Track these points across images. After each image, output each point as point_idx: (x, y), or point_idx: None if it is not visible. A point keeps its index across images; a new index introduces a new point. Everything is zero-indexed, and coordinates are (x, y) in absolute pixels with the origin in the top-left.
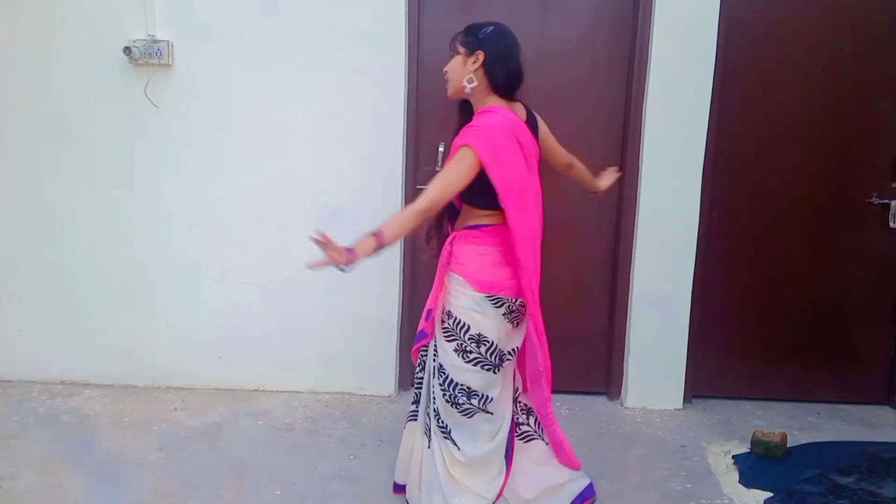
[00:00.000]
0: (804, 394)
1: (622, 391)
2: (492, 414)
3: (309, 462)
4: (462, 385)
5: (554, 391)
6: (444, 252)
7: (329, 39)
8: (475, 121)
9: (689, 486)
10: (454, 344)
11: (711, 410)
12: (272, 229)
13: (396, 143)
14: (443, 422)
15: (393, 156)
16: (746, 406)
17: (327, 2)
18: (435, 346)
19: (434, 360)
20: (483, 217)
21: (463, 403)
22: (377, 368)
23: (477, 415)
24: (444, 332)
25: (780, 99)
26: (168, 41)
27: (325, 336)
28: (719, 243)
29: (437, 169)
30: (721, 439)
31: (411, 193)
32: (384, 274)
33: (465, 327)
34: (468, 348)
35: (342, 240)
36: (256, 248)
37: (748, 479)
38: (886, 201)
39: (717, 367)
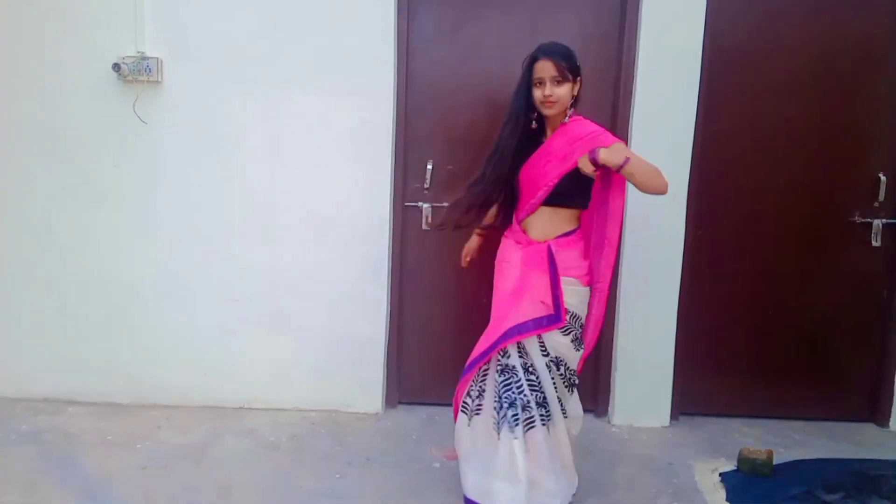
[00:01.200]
0: (790, 411)
1: (609, 409)
2: None
3: (295, 481)
4: (575, 369)
5: None
6: (536, 256)
7: (319, 57)
8: (588, 128)
9: None
10: (570, 336)
11: (698, 428)
12: (260, 246)
13: (385, 161)
14: (563, 406)
15: (381, 173)
16: (733, 423)
17: (317, 20)
18: (541, 343)
19: (544, 357)
20: (573, 221)
21: (576, 383)
22: (364, 386)
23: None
24: (561, 330)
25: (764, 120)
26: (157, 58)
27: (311, 353)
28: (704, 261)
29: (426, 187)
30: (708, 457)
31: (399, 210)
32: (371, 291)
33: (578, 318)
34: (579, 336)
35: (330, 258)
36: (244, 265)
37: (735, 497)
38: (869, 220)
39: (703, 384)
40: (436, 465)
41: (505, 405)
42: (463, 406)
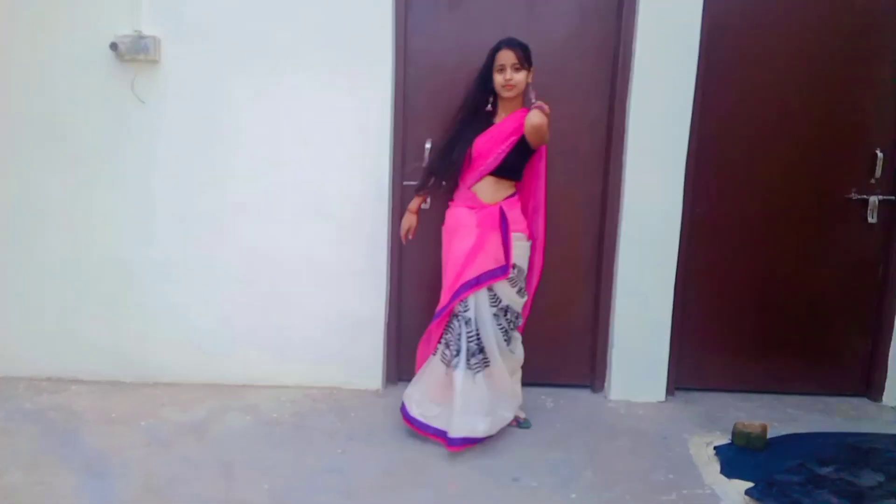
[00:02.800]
0: (784, 386)
1: (606, 384)
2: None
3: (297, 456)
4: (519, 312)
5: (539, 384)
6: (490, 218)
7: (317, 35)
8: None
9: (671, 476)
10: (517, 287)
11: (693, 402)
12: (259, 225)
13: (384, 140)
14: (511, 345)
15: (380, 152)
16: (728, 398)
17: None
18: (494, 295)
19: (494, 307)
20: (511, 188)
21: (518, 323)
22: (365, 363)
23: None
24: (508, 281)
25: (762, 96)
26: (155, 37)
27: (312, 331)
28: (701, 238)
29: (424, 166)
30: (703, 431)
31: (398, 190)
32: (371, 269)
33: (522, 271)
34: (523, 287)
35: (330, 238)
36: (244, 245)
37: (729, 470)
38: (865, 197)
39: (699, 359)
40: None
41: (471, 351)
42: (444, 356)
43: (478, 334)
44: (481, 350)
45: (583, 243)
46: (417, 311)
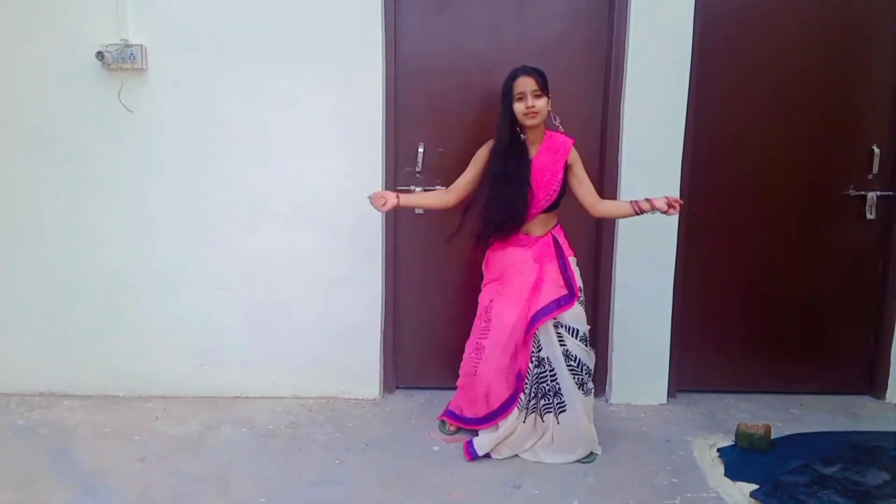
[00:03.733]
0: (786, 386)
1: (607, 388)
2: None
3: (293, 468)
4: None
5: None
6: (546, 248)
7: (306, 41)
8: (558, 134)
9: (675, 480)
10: (582, 305)
11: (695, 404)
12: (252, 234)
13: (376, 145)
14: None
15: (372, 157)
16: (730, 399)
17: (303, 4)
18: (562, 328)
19: (565, 343)
20: (556, 216)
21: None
22: (361, 372)
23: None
24: (580, 301)
25: (757, 94)
26: (141, 45)
27: (307, 341)
28: (699, 238)
29: (418, 170)
30: (706, 433)
31: None
32: (366, 276)
33: (582, 289)
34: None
35: (323, 245)
36: (236, 253)
37: (734, 472)
38: (863, 193)
39: (699, 361)
40: (435, 449)
41: (541, 394)
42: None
43: (552, 374)
44: (556, 392)
45: (580, 246)
46: (414, 317)
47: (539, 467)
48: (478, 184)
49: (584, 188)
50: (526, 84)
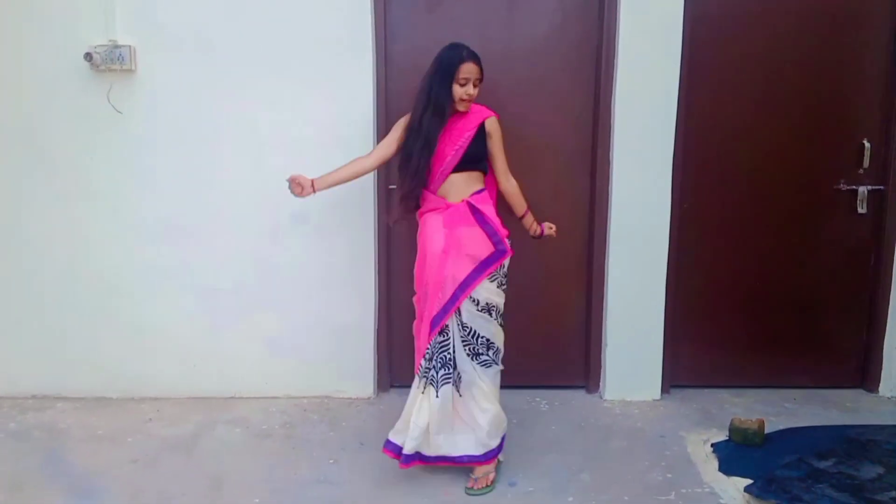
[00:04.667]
0: (780, 380)
1: (600, 384)
2: None
3: (288, 468)
4: (500, 308)
5: (532, 386)
6: (455, 215)
7: (295, 41)
8: (479, 106)
9: (669, 476)
10: (496, 282)
11: (689, 400)
12: (243, 234)
13: (366, 145)
14: (496, 353)
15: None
16: (723, 394)
17: (293, 3)
18: (472, 299)
19: (475, 307)
20: (480, 182)
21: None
22: (355, 371)
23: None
24: (490, 278)
25: (748, 89)
26: (130, 46)
27: (301, 340)
28: (691, 233)
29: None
30: (700, 428)
31: (383, 194)
32: (358, 275)
33: (503, 266)
34: (504, 283)
35: (316, 244)
36: (227, 254)
37: (728, 467)
38: (854, 187)
39: (693, 356)
40: None
41: (439, 365)
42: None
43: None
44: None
45: (572, 242)
46: (407, 315)
47: (533, 464)
48: (398, 149)
49: (495, 160)
50: (472, 71)
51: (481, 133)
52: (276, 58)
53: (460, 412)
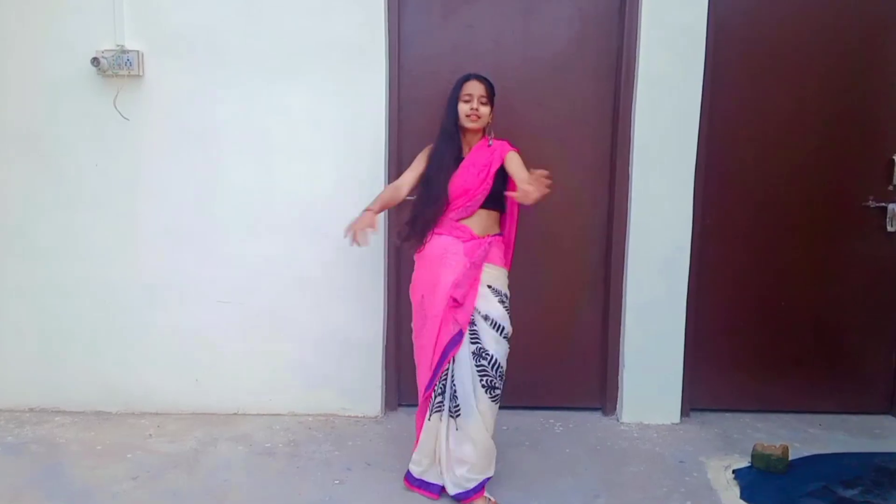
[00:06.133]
0: (805, 404)
1: (617, 406)
2: None
3: (292, 488)
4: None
5: (547, 407)
6: (477, 249)
7: (307, 47)
8: (502, 142)
9: (688, 503)
10: (504, 306)
11: (710, 424)
12: (250, 245)
13: (378, 153)
14: (502, 382)
15: (375, 166)
16: (746, 418)
17: (304, 9)
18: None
19: (477, 343)
20: (498, 225)
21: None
22: (362, 388)
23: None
24: (502, 303)
25: (773, 101)
26: (138, 51)
27: (306, 356)
28: (713, 250)
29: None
30: (721, 454)
31: (394, 208)
32: (368, 289)
33: (507, 295)
34: (508, 307)
35: (323, 257)
36: (234, 265)
37: (750, 495)
38: (883, 204)
39: (714, 378)
40: None
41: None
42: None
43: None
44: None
45: (589, 257)
46: None
47: (546, 488)
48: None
49: (516, 176)
50: (475, 88)
51: (502, 169)
52: (287, 64)
53: (450, 444)
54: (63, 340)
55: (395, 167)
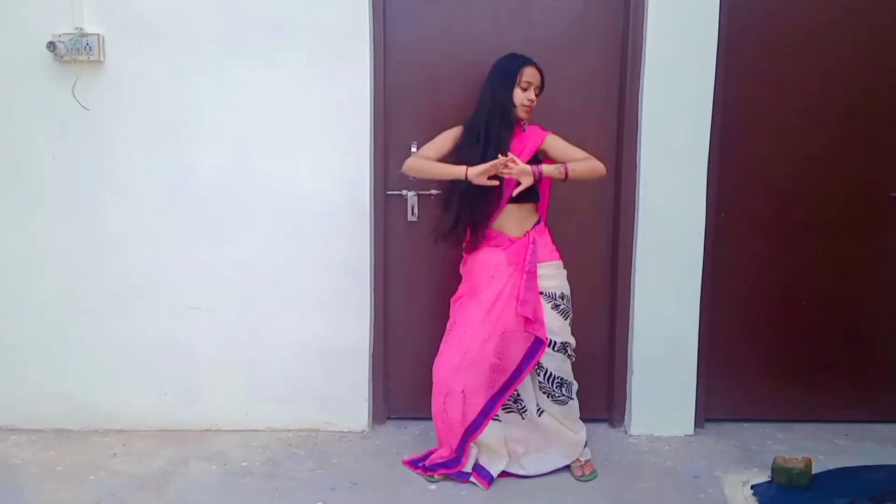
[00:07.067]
0: (829, 413)
1: (626, 417)
2: None
3: None
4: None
5: None
6: (522, 251)
7: (285, 30)
8: (533, 126)
9: None
10: (563, 314)
11: (726, 435)
12: (224, 246)
13: (363, 144)
14: (568, 388)
15: (360, 158)
16: (765, 429)
17: None
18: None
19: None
20: (536, 213)
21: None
22: (347, 401)
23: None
24: (558, 311)
25: (793, 85)
26: (98, 34)
27: (286, 365)
28: (729, 247)
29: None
30: (738, 467)
31: (381, 200)
32: (353, 292)
33: (566, 297)
34: (569, 308)
35: (304, 258)
36: (206, 268)
37: None
38: None
39: (731, 386)
40: (431, 488)
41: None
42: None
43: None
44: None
45: (594, 255)
46: (407, 338)
47: None
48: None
49: (570, 154)
50: (534, 76)
51: (536, 156)
52: (263, 48)
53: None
54: (18, 352)
55: (382, 160)
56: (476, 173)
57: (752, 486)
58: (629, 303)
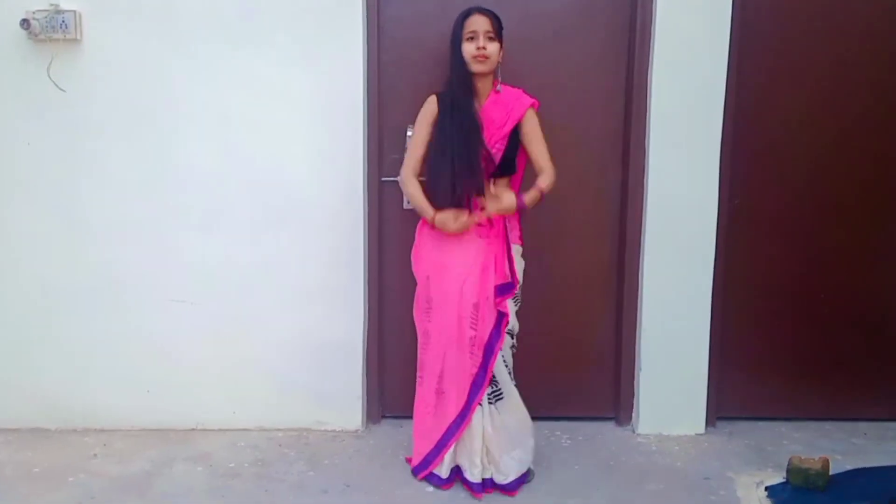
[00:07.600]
0: (847, 412)
1: (633, 415)
2: None
3: None
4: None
5: (552, 418)
6: (497, 227)
7: (273, 9)
8: (515, 90)
9: None
10: (515, 301)
11: (739, 434)
12: (209, 236)
13: (356, 128)
14: (512, 373)
15: (352, 143)
16: (780, 428)
17: None
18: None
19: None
20: (510, 187)
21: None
22: (340, 399)
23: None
24: (513, 298)
25: (810, 67)
26: (75, 11)
27: (276, 362)
28: (742, 237)
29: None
30: (752, 468)
31: (375, 188)
32: (345, 285)
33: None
34: (519, 297)
35: (294, 248)
36: (191, 260)
37: None
38: None
39: (744, 383)
40: (429, 490)
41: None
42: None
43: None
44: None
45: (601, 247)
46: (403, 333)
47: None
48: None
49: (534, 147)
50: (479, 23)
51: (517, 131)
52: (249, 27)
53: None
54: None
55: (376, 145)
56: (441, 222)
57: (767, 488)
58: (637, 296)
